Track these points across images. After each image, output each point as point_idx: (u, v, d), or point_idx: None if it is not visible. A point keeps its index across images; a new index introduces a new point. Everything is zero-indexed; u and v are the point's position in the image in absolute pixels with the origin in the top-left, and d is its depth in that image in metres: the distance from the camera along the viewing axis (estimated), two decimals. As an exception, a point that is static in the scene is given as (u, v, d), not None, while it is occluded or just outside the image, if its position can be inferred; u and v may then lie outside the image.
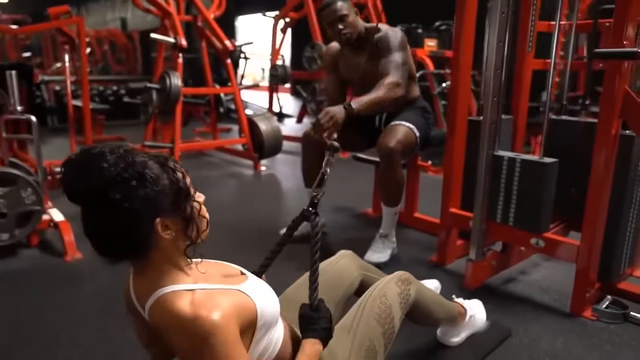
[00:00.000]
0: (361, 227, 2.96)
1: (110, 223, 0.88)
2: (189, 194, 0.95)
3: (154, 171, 0.90)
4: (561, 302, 1.98)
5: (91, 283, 2.19)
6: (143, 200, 0.87)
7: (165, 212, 0.91)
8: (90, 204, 0.88)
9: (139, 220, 0.88)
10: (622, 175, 1.90)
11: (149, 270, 0.96)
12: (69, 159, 0.88)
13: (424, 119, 2.50)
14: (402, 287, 1.36)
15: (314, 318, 1.13)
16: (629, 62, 1.69)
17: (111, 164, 0.86)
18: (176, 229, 0.93)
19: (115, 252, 0.94)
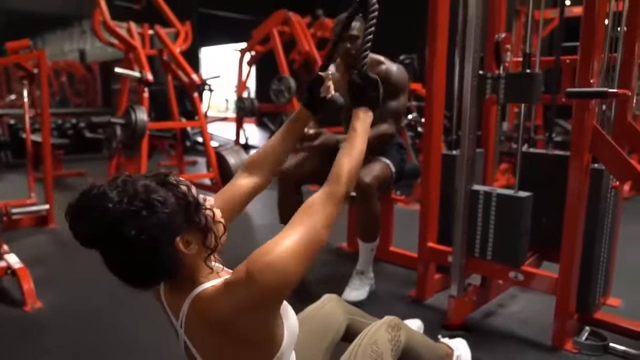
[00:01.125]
0: (337, 262, 2.91)
1: (134, 258, 0.88)
2: (199, 205, 0.94)
3: (159, 194, 0.88)
4: (542, 335, 1.98)
5: (54, 335, 2.03)
6: (158, 227, 0.86)
7: (182, 229, 0.90)
8: (107, 245, 0.87)
9: (160, 247, 0.88)
10: (594, 206, 1.95)
11: (180, 284, 0.96)
12: (71, 206, 0.86)
13: (399, 154, 2.51)
14: (392, 334, 1.32)
15: (363, 86, 1.16)
16: (595, 100, 1.76)
17: (116, 202, 0.84)
18: (197, 242, 0.93)
19: (146, 281, 0.95)
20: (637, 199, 4.79)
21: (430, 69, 2.16)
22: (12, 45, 3.22)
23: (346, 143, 1.12)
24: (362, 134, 1.13)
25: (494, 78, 1.93)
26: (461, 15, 2.10)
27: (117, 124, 3.99)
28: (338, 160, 1.08)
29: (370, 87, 1.17)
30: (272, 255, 0.88)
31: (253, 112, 5.66)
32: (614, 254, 2.23)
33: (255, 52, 5.84)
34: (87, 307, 2.26)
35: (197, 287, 0.94)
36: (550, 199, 2.04)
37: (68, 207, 0.86)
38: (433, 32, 2.15)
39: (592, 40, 1.71)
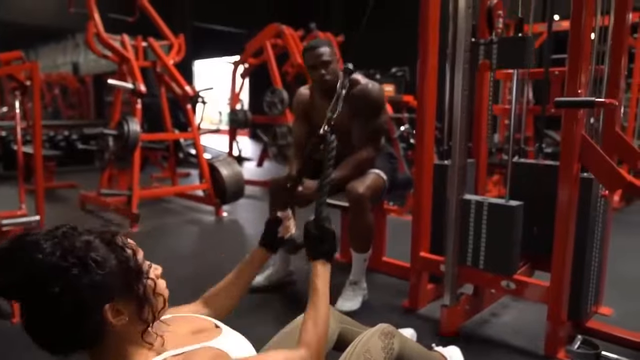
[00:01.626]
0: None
1: (52, 318, 0.80)
2: (140, 273, 0.87)
3: (99, 253, 0.82)
4: (534, 344, 1.99)
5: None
6: (88, 288, 0.79)
7: (115, 295, 0.83)
8: (27, 299, 0.79)
9: (85, 311, 0.80)
10: (584, 215, 1.97)
11: (106, 356, 0.87)
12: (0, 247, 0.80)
13: (390, 164, 2.53)
14: (385, 341, 1.32)
15: (319, 238, 1.16)
16: (584, 110, 1.79)
17: (47, 254, 0.78)
18: (129, 312, 0.85)
19: (62, 348, 0.84)
20: (626, 210, 4.84)
21: (421, 78, 2.18)
22: (5, 57, 3.22)
23: (310, 306, 1.12)
24: (324, 294, 1.13)
25: (486, 43, 1.95)
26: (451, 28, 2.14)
27: (109, 135, 3.99)
28: (305, 326, 1.08)
29: (326, 239, 1.18)
30: None
31: (246, 123, 5.68)
32: (605, 263, 2.24)
33: (249, 65, 5.88)
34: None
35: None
36: (541, 208, 2.06)
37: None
38: (424, 44, 2.18)
39: (580, 52, 1.74)
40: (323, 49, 2.31)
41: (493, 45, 1.96)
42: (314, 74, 2.36)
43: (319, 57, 2.31)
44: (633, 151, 2.05)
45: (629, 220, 4.49)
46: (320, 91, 2.44)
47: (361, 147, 2.34)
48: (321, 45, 2.33)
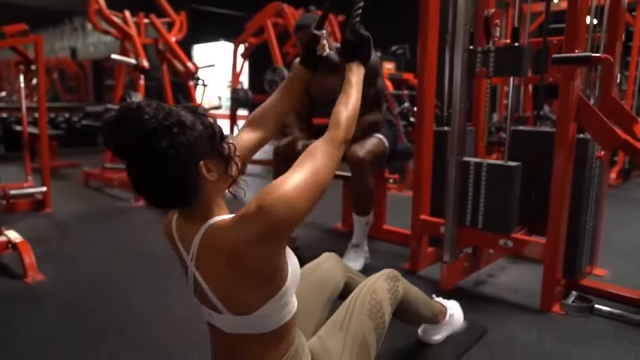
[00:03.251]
0: (332, 240, 2.98)
1: (160, 171, 0.92)
2: (223, 135, 1.01)
3: (189, 118, 0.95)
4: (530, 301, 2.06)
5: (56, 304, 2.07)
6: (186, 145, 0.92)
7: (206, 155, 0.97)
8: (137, 155, 0.92)
9: (185, 165, 0.93)
10: (580, 175, 2.04)
11: (194, 212, 1.00)
12: (109, 117, 0.93)
13: (391, 131, 2.59)
14: (390, 284, 1.38)
15: (356, 42, 1.23)
16: (581, 70, 1.84)
17: (151, 115, 0.91)
18: (218, 170, 0.99)
19: (167, 200, 0.98)
20: (623, 187, 4.92)
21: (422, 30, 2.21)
22: (10, 29, 3.25)
23: (342, 94, 1.18)
24: (356, 85, 1.20)
25: (484, 52, 2.00)
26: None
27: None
28: (336, 109, 1.14)
29: (362, 43, 1.24)
30: (281, 190, 0.94)
31: (247, 102, 5.70)
32: (600, 224, 2.31)
33: (249, 44, 5.89)
34: (87, 280, 2.31)
35: (211, 219, 0.99)
36: (539, 174, 2.11)
37: (106, 118, 0.94)
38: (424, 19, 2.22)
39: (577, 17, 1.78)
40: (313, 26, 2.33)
41: (490, 53, 2.01)
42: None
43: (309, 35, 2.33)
44: (629, 116, 2.10)
45: (625, 195, 4.58)
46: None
47: (366, 113, 2.38)
48: (312, 22, 2.33)
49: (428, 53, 2.25)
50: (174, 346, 1.68)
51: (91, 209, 3.85)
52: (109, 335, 1.78)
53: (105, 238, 3.04)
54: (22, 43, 3.41)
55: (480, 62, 2.00)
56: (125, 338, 1.75)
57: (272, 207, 0.92)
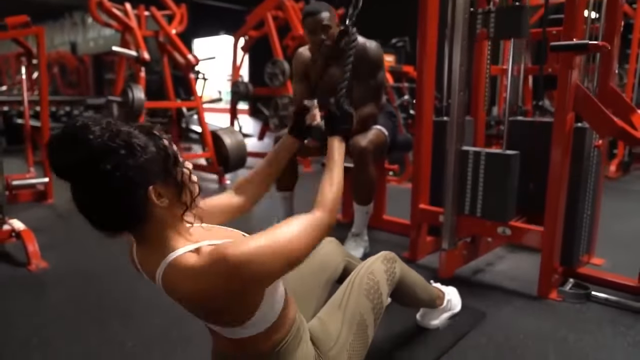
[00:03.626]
0: (333, 231, 2.97)
1: (104, 195, 0.87)
2: (177, 160, 0.95)
3: (140, 140, 0.89)
4: (528, 288, 2.08)
5: (60, 290, 2.10)
6: (134, 168, 0.87)
7: (157, 179, 0.91)
8: (80, 177, 0.87)
9: (132, 190, 0.88)
10: (577, 164, 2.06)
11: (149, 240, 0.96)
12: (54, 135, 0.87)
13: (391, 122, 2.60)
14: (387, 265, 1.40)
15: (339, 117, 1.26)
16: (579, 57, 1.85)
17: (97, 135, 0.85)
18: (170, 196, 0.93)
19: (112, 225, 0.93)
20: (622, 180, 4.94)
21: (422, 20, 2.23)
22: (12, 21, 3.26)
23: (326, 173, 1.19)
24: (339, 162, 1.21)
25: (484, 13, 2.01)
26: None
27: (114, 102, 4.04)
28: (321, 189, 1.14)
29: (345, 119, 1.27)
30: (249, 244, 0.90)
31: (247, 96, 5.72)
32: (597, 213, 2.33)
33: (249, 37, 5.89)
34: (89, 269, 2.33)
35: (170, 253, 0.93)
36: (538, 165, 2.12)
37: (51, 136, 0.87)
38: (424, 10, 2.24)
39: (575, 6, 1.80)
40: (324, 14, 2.33)
41: (491, 14, 2.02)
42: (314, 38, 2.40)
43: (320, 22, 2.34)
44: (627, 105, 2.11)
45: (625, 187, 4.60)
46: (319, 55, 2.48)
47: (363, 104, 2.40)
48: (321, 10, 2.34)
49: (427, 43, 2.26)
50: (175, 333, 1.70)
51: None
52: (111, 319, 1.80)
53: (107, 228, 3.07)
54: (23, 35, 3.43)
55: (481, 23, 2.01)
56: (127, 322, 1.78)
57: (234, 258, 0.87)
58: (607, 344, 1.65)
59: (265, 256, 0.89)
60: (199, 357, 1.52)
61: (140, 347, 1.61)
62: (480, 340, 1.66)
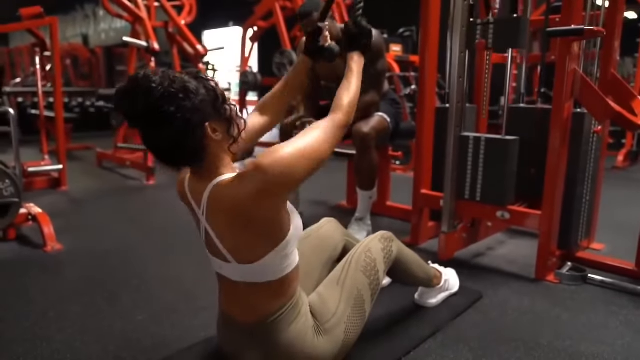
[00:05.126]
0: (337, 217, 2.94)
1: (169, 134, 1.02)
2: (225, 98, 1.10)
3: (193, 84, 1.04)
4: (526, 271, 2.13)
5: (74, 269, 2.20)
6: (191, 109, 1.02)
7: (210, 116, 1.06)
8: (148, 120, 1.02)
9: (192, 127, 1.03)
10: (576, 149, 2.09)
11: (204, 171, 1.11)
12: (120, 87, 1.02)
13: (394, 109, 2.65)
14: (384, 244, 1.47)
15: (357, 34, 1.33)
16: (577, 43, 1.88)
17: (158, 84, 1.00)
18: (222, 130, 1.09)
19: (179, 160, 1.10)
20: (630, 170, 4.94)
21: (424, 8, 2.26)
22: (26, 12, 3.34)
23: (344, 80, 1.29)
24: (357, 72, 1.31)
25: (483, 24, 2.05)
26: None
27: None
28: (338, 94, 1.25)
29: (363, 34, 1.35)
30: (280, 153, 1.04)
31: (256, 86, 5.77)
32: (597, 199, 2.37)
33: (258, 28, 5.93)
34: (102, 250, 2.42)
35: (217, 177, 1.09)
36: (539, 151, 2.16)
37: (118, 88, 1.02)
38: None
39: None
40: (315, 14, 2.32)
41: (490, 25, 2.05)
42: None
43: (312, 23, 2.34)
44: (628, 91, 2.13)
45: (632, 177, 4.62)
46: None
47: (364, 92, 2.43)
48: (312, 10, 2.34)
49: (430, 31, 2.31)
50: (183, 306, 1.78)
51: (105, 187, 3.98)
52: (122, 295, 1.89)
53: (119, 213, 3.17)
54: (37, 25, 3.51)
55: (480, 34, 2.05)
56: (137, 298, 1.86)
57: (268, 166, 1.02)
58: (600, 322, 1.70)
59: (291, 158, 1.04)
60: (205, 328, 1.60)
61: (149, 319, 1.69)
62: (475, 318, 1.72)
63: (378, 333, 1.56)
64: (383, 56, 2.50)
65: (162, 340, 1.56)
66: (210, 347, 1.47)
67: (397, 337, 1.56)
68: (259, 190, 1.03)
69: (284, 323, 1.18)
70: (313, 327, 1.23)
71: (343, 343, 1.26)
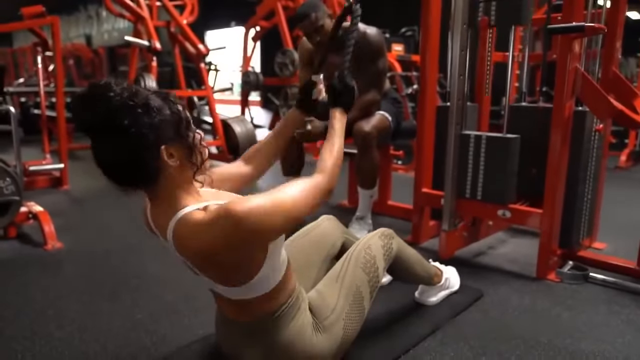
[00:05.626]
0: (338, 216, 2.93)
1: (120, 149, 0.96)
2: (190, 123, 1.04)
3: (156, 102, 0.99)
4: (527, 270, 2.12)
5: (74, 268, 2.19)
6: (149, 126, 0.96)
7: (169, 140, 1.00)
8: (100, 131, 0.96)
9: (146, 146, 0.96)
10: (577, 147, 2.08)
11: (162, 198, 1.05)
12: (79, 93, 0.97)
13: (395, 107, 2.64)
14: (385, 241, 1.46)
15: (342, 91, 1.30)
16: (578, 41, 1.88)
17: (117, 93, 0.95)
18: (180, 157, 1.02)
19: (126, 179, 1.02)
20: (633, 170, 4.92)
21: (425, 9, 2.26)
22: (27, 11, 3.35)
23: (327, 141, 1.25)
24: (340, 132, 1.28)
25: (486, 0, 2.03)
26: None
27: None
28: (321, 156, 1.21)
29: (347, 92, 1.32)
30: (256, 201, 0.98)
31: (258, 86, 5.77)
32: (599, 197, 2.35)
33: (260, 28, 5.94)
34: (102, 249, 2.42)
35: (180, 210, 1.01)
36: (540, 150, 2.14)
37: (76, 94, 0.97)
38: None
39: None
40: (313, 15, 2.34)
41: (492, 2, 2.04)
42: (310, 39, 2.47)
43: (311, 25, 2.37)
44: (629, 90, 2.12)
45: (634, 177, 4.60)
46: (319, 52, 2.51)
47: (365, 91, 2.44)
48: (310, 12, 2.35)
49: (430, 28, 2.29)
50: (182, 306, 1.78)
51: (106, 186, 3.92)
52: (122, 294, 1.89)
53: (119, 212, 3.16)
54: (39, 24, 3.52)
55: (483, 11, 2.04)
56: (137, 297, 1.86)
57: (242, 214, 0.95)
58: (601, 321, 1.69)
59: (266, 211, 0.98)
60: (204, 326, 1.59)
61: (148, 318, 1.69)
62: (475, 316, 1.71)
63: (378, 331, 1.55)
64: (384, 55, 2.49)
65: (162, 339, 1.55)
66: (209, 344, 1.47)
67: (396, 335, 1.56)
68: (229, 238, 0.97)
69: (284, 320, 1.17)
70: (312, 324, 1.22)
71: (342, 340, 1.26)
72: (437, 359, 1.45)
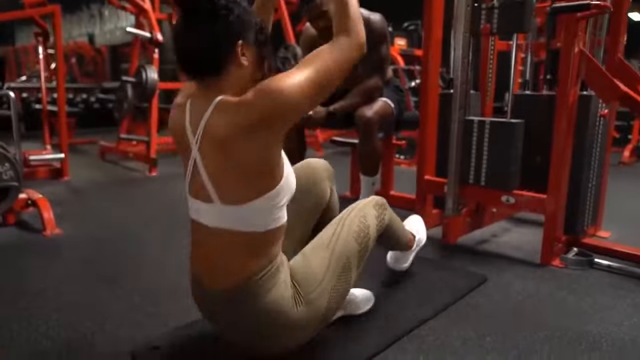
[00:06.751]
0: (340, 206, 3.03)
1: (206, 33, 1.04)
2: (268, 41, 1.12)
3: (249, 7, 1.10)
4: (531, 257, 2.09)
5: (73, 253, 2.17)
6: (237, 17, 1.05)
7: (246, 40, 1.08)
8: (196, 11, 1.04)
9: (229, 34, 1.05)
10: (582, 133, 2.05)
11: (215, 86, 1.07)
12: None
13: (397, 95, 2.62)
14: (379, 211, 1.41)
15: None
16: (583, 24, 1.85)
17: None
18: (251, 60, 1.09)
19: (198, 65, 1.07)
20: (637, 165, 4.89)
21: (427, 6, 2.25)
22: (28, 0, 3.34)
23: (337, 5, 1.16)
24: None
25: (488, 8, 2.02)
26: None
27: (128, 82, 4.11)
28: (337, 19, 1.15)
29: None
30: (282, 82, 1.01)
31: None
32: (604, 184, 2.33)
33: (262, 23, 5.92)
34: (101, 236, 2.40)
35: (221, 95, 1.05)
36: (544, 138, 2.12)
37: None
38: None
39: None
40: (318, 0, 2.31)
41: (494, 10, 2.02)
42: (315, 25, 2.43)
43: (316, 8, 2.33)
44: (634, 75, 2.10)
45: (638, 172, 4.56)
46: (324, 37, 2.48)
47: (367, 77, 2.42)
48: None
49: (433, 15, 2.27)
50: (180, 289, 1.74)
51: (107, 178, 3.97)
52: (120, 278, 1.87)
53: (119, 202, 3.15)
54: (39, 13, 3.51)
55: (485, 18, 2.02)
56: (135, 281, 1.84)
57: (286, 89, 1.00)
58: (607, 304, 1.66)
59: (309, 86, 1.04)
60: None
61: (146, 300, 1.67)
62: (478, 300, 1.69)
63: (378, 313, 1.53)
64: (387, 41, 2.47)
65: (159, 319, 1.53)
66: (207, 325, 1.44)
67: (397, 317, 1.53)
68: (252, 121, 1.00)
69: (262, 288, 1.10)
70: (293, 296, 1.14)
71: (324, 314, 1.20)
72: (441, 339, 1.42)
